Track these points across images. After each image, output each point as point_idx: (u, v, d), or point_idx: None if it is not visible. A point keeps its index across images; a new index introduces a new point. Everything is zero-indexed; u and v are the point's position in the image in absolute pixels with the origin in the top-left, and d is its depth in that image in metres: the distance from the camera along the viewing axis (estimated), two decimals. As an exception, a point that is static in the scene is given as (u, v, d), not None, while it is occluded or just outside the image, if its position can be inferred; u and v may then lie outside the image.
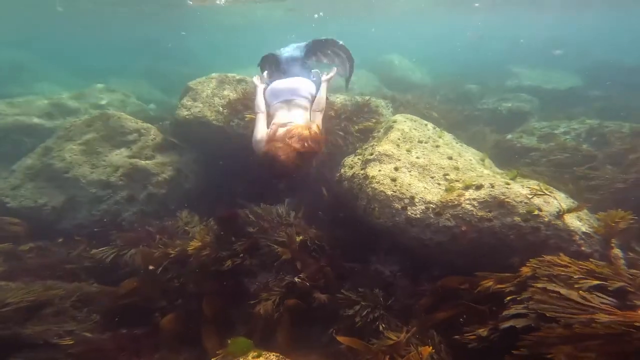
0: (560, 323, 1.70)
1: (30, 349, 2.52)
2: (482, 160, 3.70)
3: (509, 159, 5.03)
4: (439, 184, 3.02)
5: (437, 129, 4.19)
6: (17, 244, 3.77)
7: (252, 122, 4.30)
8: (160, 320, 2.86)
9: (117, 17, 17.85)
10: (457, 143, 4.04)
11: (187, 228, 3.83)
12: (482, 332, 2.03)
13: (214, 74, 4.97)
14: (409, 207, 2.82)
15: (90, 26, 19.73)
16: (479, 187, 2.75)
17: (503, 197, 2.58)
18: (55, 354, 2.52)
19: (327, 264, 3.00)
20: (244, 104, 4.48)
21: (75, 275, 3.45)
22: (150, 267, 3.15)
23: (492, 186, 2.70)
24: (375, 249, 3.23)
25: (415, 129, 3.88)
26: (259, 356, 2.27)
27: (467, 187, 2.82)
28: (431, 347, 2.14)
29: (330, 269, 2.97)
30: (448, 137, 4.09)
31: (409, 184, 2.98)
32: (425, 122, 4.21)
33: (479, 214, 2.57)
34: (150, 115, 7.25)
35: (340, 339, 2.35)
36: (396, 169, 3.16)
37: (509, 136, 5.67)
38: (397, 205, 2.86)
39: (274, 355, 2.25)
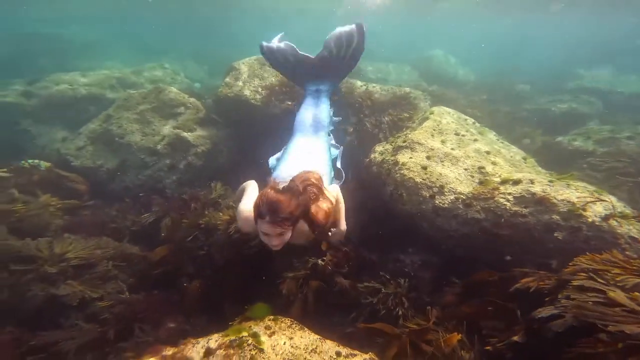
0: (609, 331, 1.54)
1: (73, 306, 2.84)
2: (525, 159, 3.47)
3: (557, 162, 4.62)
4: (472, 176, 2.89)
5: (477, 124, 3.98)
6: (79, 200, 4.28)
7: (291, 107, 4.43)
8: (188, 286, 3.07)
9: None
10: (498, 140, 3.81)
11: (219, 200, 4.03)
12: (516, 338, 1.91)
13: (257, 56, 5.12)
14: (437, 196, 2.74)
15: (152, 8, 21.16)
16: (516, 182, 2.59)
17: (543, 193, 2.41)
18: (96, 311, 2.84)
19: (351, 250, 3.00)
20: (282, 89, 4.60)
21: (121, 234, 3.82)
22: (181, 235, 3.34)
23: (532, 182, 2.53)
24: (399, 238, 3.19)
25: (453, 122, 3.73)
26: (275, 320, 2.39)
27: (503, 182, 2.67)
28: (460, 335, 2.06)
29: (354, 254, 2.96)
30: (489, 133, 3.87)
31: (440, 174, 2.89)
32: (465, 116, 4.02)
33: (513, 208, 2.43)
34: (195, 92, 7.69)
35: (364, 325, 2.34)
36: (428, 157, 3.08)
37: (560, 138, 5.20)
38: (425, 193, 2.79)
39: (289, 319, 2.35)
